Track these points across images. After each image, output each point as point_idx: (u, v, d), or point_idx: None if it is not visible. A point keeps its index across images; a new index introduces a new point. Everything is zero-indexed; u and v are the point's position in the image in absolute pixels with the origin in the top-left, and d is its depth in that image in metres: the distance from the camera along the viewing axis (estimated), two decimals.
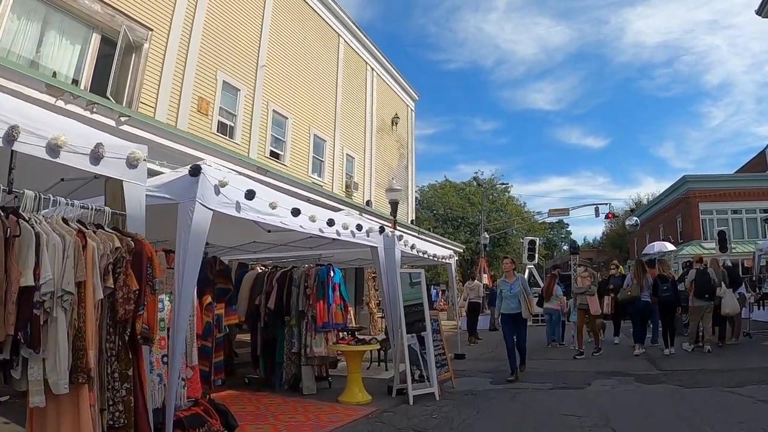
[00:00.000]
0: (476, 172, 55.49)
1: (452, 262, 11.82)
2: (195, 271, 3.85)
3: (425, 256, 9.69)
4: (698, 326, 10.42)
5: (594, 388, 7.39)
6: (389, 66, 23.87)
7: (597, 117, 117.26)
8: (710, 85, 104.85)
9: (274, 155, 15.56)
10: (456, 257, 13.97)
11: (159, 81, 11.47)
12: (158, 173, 5.43)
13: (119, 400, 2.91)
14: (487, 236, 28.27)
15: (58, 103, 6.96)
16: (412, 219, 24.95)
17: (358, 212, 11.13)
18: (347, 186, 19.50)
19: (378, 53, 22.62)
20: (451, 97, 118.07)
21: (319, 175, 17.87)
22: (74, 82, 9.63)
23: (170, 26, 11.80)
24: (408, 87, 26.25)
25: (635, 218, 27.58)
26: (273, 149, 15.56)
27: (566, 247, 56.08)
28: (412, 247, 8.71)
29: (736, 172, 35.79)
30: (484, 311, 16.87)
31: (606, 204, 30.05)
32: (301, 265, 8.21)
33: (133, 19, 10.81)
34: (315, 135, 17.78)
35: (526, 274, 23.11)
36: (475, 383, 8.06)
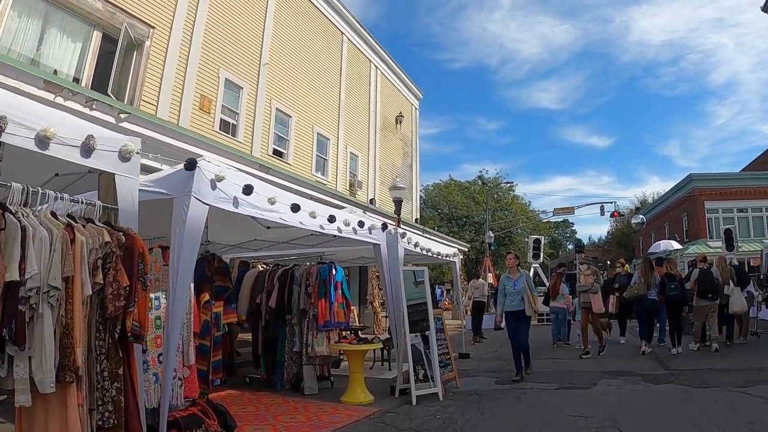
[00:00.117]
0: (481, 171, 55.07)
1: (456, 261, 11.68)
2: (190, 268, 3.75)
3: (429, 254, 9.57)
4: (703, 325, 10.30)
5: (600, 388, 7.26)
6: (393, 64, 23.73)
7: (602, 116, 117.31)
8: (716, 84, 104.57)
9: (278, 153, 15.48)
10: (460, 256, 13.86)
11: (161, 79, 11.40)
12: (157, 170, 5.38)
13: (109, 400, 2.81)
14: (492, 235, 28.10)
15: (57, 100, 6.91)
16: (417, 218, 24.81)
17: (362, 211, 11.07)
18: (351, 184, 19.39)
19: (382, 51, 22.50)
20: (456, 97, 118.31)
21: (323, 174, 17.77)
22: (75, 81, 9.57)
23: (172, 24, 11.73)
24: (412, 85, 26.10)
25: (641, 216, 27.37)
26: (276, 147, 15.48)
27: (571, 246, 55.85)
28: (416, 245, 8.57)
29: (742, 171, 35.48)
30: (489, 310, 16.75)
31: (611, 203, 29.94)
32: (303, 264, 8.11)
33: (135, 17, 10.75)
34: (318, 133, 17.69)
35: (531, 273, 22.95)
36: (480, 383, 7.95)
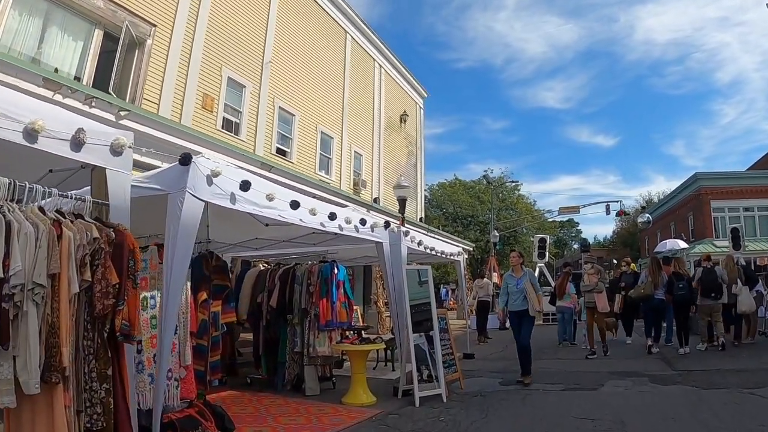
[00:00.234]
0: (486, 171, 54.81)
1: (461, 260, 11.55)
2: (184, 266, 3.65)
3: (433, 253, 9.44)
4: (710, 325, 10.16)
5: (607, 390, 7.13)
6: (397, 63, 23.60)
7: (607, 115, 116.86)
8: (721, 83, 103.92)
9: (281, 152, 15.39)
10: (465, 255, 13.71)
11: (162, 77, 11.33)
12: (155, 167, 5.30)
13: (97, 402, 2.71)
14: (497, 234, 27.93)
15: (56, 97, 6.84)
16: (422, 217, 24.69)
17: (366, 210, 10.94)
18: (355, 183, 19.29)
19: (386, 50, 22.38)
20: (461, 96, 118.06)
21: (327, 173, 17.68)
22: (77, 79, 9.51)
23: (174, 22, 11.66)
24: (417, 84, 25.96)
25: (647, 215, 27.10)
26: (279, 146, 15.39)
27: (576, 246, 55.61)
28: (419, 244, 8.44)
29: (748, 170, 35.17)
30: (494, 310, 16.60)
31: (617, 202, 29.73)
32: (305, 262, 8.01)
33: (136, 15, 10.68)
34: (322, 132, 17.60)
35: (537, 273, 22.78)
36: (484, 384, 7.82)
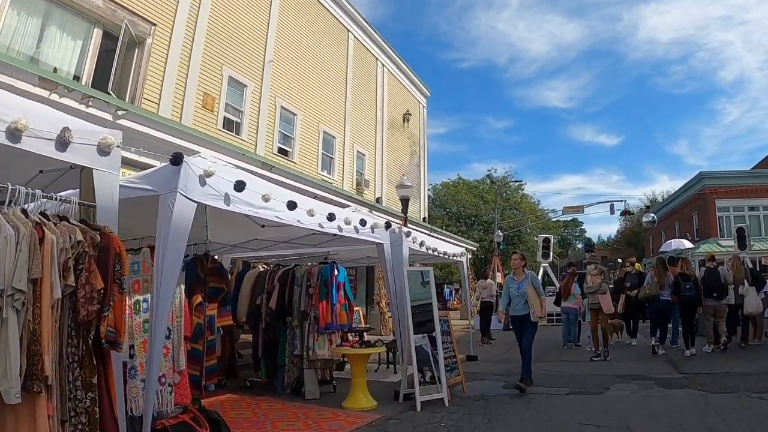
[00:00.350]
0: (489, 170, 54.50)
1: (464, 260, 11.42)
2: (176, 269, 3.54)
3: (435, 254, 9.32)
4: (714, 326, 9.99)
5: (613, 393, 6.99)
6: (400, 62, 23.48)
7: (610, 114, 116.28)
8: (725, 82, 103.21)
9: (283, 152, 15.30)
10: (468, 255, 13.60)
11: (162, 77, 11.25)
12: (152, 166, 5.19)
13: (82, 411, 2.60)
14: (501, 234, 27.77)
15: (53, 97, 6.75)
16: (425, 217, 24.56)
17: (368, 210, 10.83)
18: (358, 183, 19.18)
19: (388, 49, 22.26)
20: (465, 96, 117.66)
21: (329, 173, 17.57)
22: (76, 79, 9.44)
23: (174, 21, 11.57)
24: (420, 83, 25.83)
25: (652, 215, 26.94)
26: (281, 146, 15.30)
27: (580, 246, 55.29)
28: (421, 244, 8.31)
29: (753, 169, 34.88)
30: (498, 311, 16.48)
31: (621, 201, 29.41)
32: (304, 264, 7.90)
33: (136, 14, 10.60)
34: (324, 131, 17.50)
35: (541, 273, 22.63)
36: (488, 387, 7.69)
